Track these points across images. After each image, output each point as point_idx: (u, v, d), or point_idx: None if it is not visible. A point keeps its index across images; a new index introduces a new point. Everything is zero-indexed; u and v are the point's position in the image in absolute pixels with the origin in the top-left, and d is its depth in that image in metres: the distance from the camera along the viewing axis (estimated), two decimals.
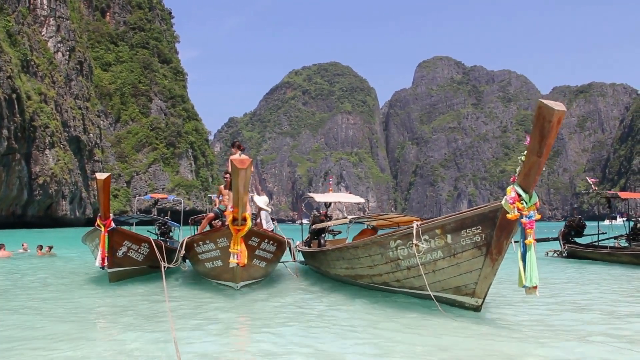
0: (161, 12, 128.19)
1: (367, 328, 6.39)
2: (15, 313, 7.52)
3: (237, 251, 8.74)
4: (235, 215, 8.68)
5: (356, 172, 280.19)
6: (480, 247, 6.79)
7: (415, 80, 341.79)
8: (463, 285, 7.13)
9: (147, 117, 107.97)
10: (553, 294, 9.46)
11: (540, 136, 5.52)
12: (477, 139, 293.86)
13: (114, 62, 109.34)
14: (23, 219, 61.30)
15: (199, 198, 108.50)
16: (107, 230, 10.28)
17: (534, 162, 5.75)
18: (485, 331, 6.11)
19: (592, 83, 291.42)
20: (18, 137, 57.44)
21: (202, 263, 10.40)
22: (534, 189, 6.07)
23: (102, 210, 10.26)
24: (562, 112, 5.32)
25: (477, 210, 6.76)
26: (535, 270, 6.14)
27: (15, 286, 10.75)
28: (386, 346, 5.41)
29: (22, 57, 64.80)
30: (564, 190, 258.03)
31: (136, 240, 11.22)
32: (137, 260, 11.40)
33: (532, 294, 6.26)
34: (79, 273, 13.26)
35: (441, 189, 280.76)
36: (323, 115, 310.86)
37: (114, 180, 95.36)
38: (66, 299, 9.06)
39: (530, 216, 6.08)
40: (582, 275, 13.09)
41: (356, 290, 9.26)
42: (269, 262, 10.55)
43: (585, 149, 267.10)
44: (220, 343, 5.62)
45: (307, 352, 5.18)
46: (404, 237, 7.57)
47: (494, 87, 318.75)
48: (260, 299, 8.75)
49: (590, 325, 6.52)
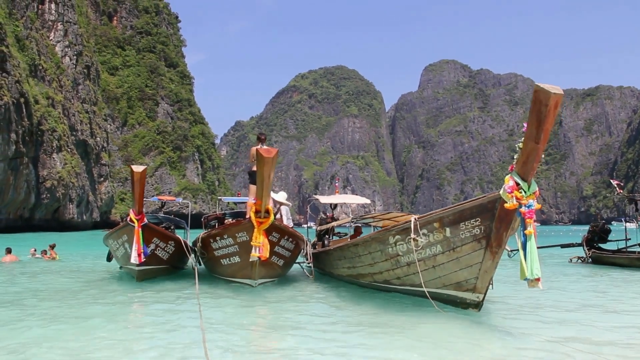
0: (168, 16, 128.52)
1: (372, 328, 6.33)
2: (50, 316, 7.47)
3: (259, 244, 8.46)
4: (258, 208, 8.42)
5: (362, 175, 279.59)
6: (480, 240, 6.59)
7: (422, 84, 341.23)
8: (464, 281, 6.94)
9: (153, 121, 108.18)
10: (563, 296, 9.30)
11: (537, 121, 5.34)
12: (484, 143, 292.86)
13: (121, 66, 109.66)
14: (30, 222, 61.41)
15: (206, 202, 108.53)
16: (141, 226, 9.96)
17: (532, 148, 5.56)
18: (485, 331, 6.00)
19: (599, 86, 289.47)
20: (26, 141, 57.63)
21: (217, 260, 10.04)
22: (532, 177, 5.89)
23: (137, 205, 9.89)
24: (559, 95, 5.14)
25: (476, 202, 6.58)
26: (537, 262, 5.93)
27: (37, 290, 10.44)
28: (389, 348, 5.33)
29: (30, 61, 65.06)
30: (571, 194, 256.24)
31: (164, 238, 10.91)
32: (162, 259, 11.07)
33: (534, 287, 6.03)
34: (95, 274, 13.22)
35: (448, 193, 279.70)
36: (329, 119, 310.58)
37: (120, 184, 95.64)
38: (97, 299, 8.90)
39: (530, 205, 5.87)
40: (602, 280, 12.52)
41: (361, 291, 9.08)
42: (286, 261, 10.24)
43: (593, 152, 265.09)
44: (240, 343, 5.59)
45: (320, 353, 5.13)
46: (403, 232, 7.40)
47: (501, 90, 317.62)
48: (277, 299, 8.55)
49: (597, 330, 6.31)
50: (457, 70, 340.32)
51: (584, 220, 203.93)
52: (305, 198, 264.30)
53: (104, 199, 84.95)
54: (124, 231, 10.67)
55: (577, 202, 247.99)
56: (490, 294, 7.79)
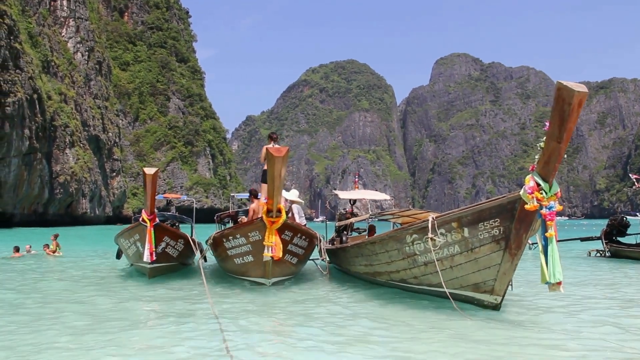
0: (178, 11, 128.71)
1: (389, 328, 6.25)
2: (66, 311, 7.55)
3: (272, 244, 8.44)
4: (269, 207, 8.41)
5: (374, 169, 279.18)
6: (499, 241, 6.47)
7: (433, 78, 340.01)
8: (482, 282, 6.82)
9: (165, 116, 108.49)
10: (582, 293, 9.18)
11: (560, 120, 5.20)
12: (495, 136, 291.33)
13: (132, 61, 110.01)
14: (44, 217, 61.91)
15: (217, 196, 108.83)
16: (153, 225, 10.20)
17: (554, 148, 5.41)
18: (504, 331, 5.87)
19: (613, 79, 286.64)
20: (39, 137, 58.07)
21: (231, 259, 10.03)
22: (554, 178, 5.73)
23: (149, 206, 10.09)
24: (583, 93, 4.99)
25: (495, 202, 6.44)
26: (559, 265, 5.80)
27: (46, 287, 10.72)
28: (405, 348, 5.25)
29: (42, 57, 65.52)
30: (583, 188, 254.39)
31: (174, 236, 11.17)
32: (172, 257, 11.36)
33: (556, 291, 5.93)
34: (106, 271, 13.27)
35: (459, 187, 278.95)
36: (340, 113, 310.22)
37: (132, 179, 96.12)
38: (111, 297, 8.97)
39: (551, 207, 5.72)
40: (620, 274, 12.39)
41: (377, 290, 8.99)
42: (300, 259, 10.22)
43: (606, 145, 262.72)
44: (255, 340, 5.57)
45: (331, 351, 5.10)
46: (420, 231, 7.29)
47: (512, 83, 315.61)
48: (291, 298, 8.51)
49: (618, 325, 6.18)
50: (469, 63, 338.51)
51: (597, 214, 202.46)
52: (316, 192, 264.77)
53: (116, 194, 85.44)
54: (136, 230, 10.87)
55: (590, 196, 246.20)
56: (512, 293, 7.72)
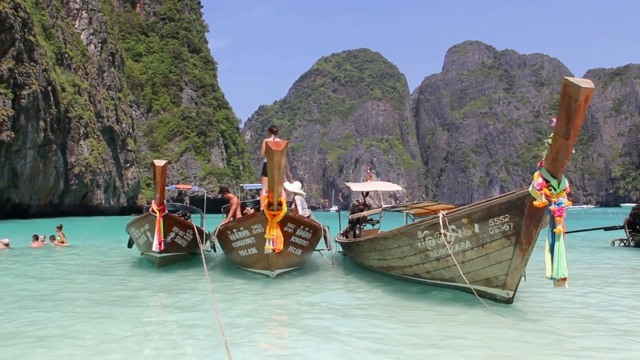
0: (190, 2, 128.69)
1: (393, 319, 6.32)
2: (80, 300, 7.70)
3: (273, 237, 8.58)
4: (270, 200, 8.52)
5: (387, 158, 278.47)
6: (509, 237, 6.54)
7: (446, 66, 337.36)
8: (493, 277, 6.91)
9: (178, 107, 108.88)
10: (599, 285, 9.07)
11: (566, 117, 5.19)
12: (509, 124, 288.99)
13: (145, 52, 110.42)
14: (60, 208, 62.61)
15: (230, 186, 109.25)
16: (162, 216, 10.49)
17: (562, 145, 5.42)
18: (518, 324, 5.89)
19: (629, 65, 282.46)
20: (54, 129, 58.58)
21: (235, 251, 10.22)
22: (562, 174, 5.74)
23: (158, 197, 10.35)
24: (589, 89, 4.97)
25: (504, 198, 6.50)
26: (564, 261, 5.80)
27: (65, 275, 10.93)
28: (418, 342, 5.28)
29: (56, 50, 65.94)
30: (598, 176, 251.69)
31: (183, 227, 11.39)
32: (181, 246, 11.62)
33: (560, 286, 5.92)
34: (115, 260, 13.54)
35: (472, 175, 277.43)
36: (353, 102, 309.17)
37: (146, 169, 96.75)
38: (117, 284, 9.18)
39: (560, 203, 5.74)
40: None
41: (389, 282, 9.07)
42: (304, 250, 10.36)
43: (621, 133, 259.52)
44: (257, 334, 5.62)
45: (341, 346, 5.13)
46: (431, 227, 7.39)
47: (526, 71, 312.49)
48: (296, 289, 8.58)
49: (632, 321, 6.16)
50: (482, 51, 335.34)
51: (612, 203, 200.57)
52: (329, 181, 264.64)
53: (130, 185, 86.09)
54: (146, 220, 11.19)
55: (605, 184, 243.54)
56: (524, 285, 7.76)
